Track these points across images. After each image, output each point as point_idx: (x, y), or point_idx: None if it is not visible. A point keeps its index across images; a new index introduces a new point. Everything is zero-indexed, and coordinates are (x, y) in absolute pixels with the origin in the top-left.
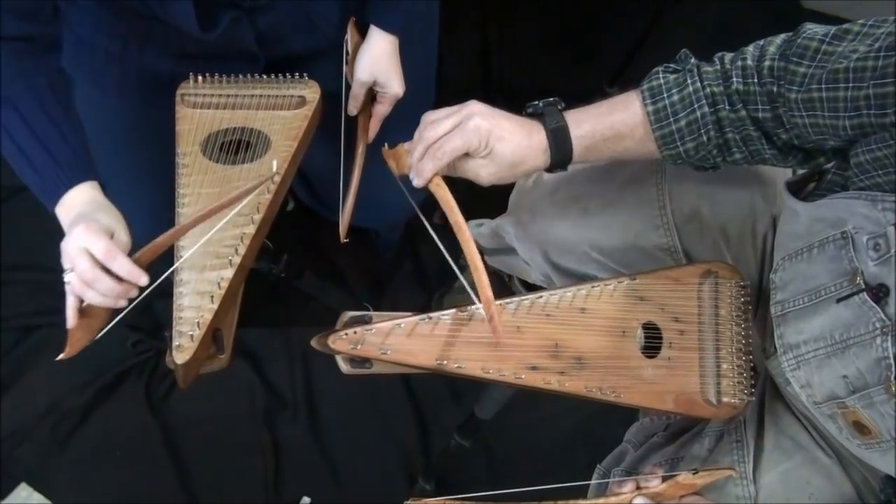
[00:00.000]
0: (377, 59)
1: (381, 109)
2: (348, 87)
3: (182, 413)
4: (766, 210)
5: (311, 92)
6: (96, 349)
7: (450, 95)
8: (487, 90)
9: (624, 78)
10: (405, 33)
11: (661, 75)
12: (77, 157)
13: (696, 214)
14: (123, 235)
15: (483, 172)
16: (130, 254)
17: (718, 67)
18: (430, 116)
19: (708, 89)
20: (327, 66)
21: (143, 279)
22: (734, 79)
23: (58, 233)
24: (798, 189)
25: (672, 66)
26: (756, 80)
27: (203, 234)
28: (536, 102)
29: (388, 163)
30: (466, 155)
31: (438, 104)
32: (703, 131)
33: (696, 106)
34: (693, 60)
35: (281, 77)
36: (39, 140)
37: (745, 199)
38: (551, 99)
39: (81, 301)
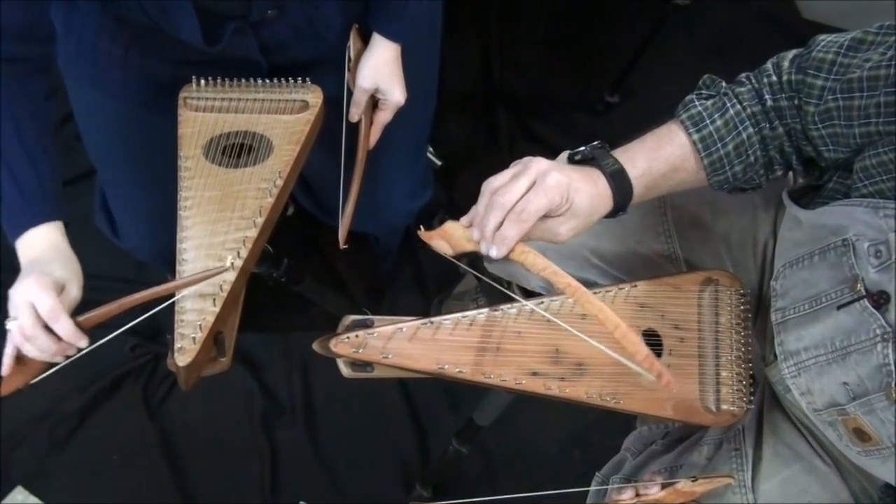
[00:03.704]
0: (379, 67)
1: (383, 116)
2: (350, 93)
3: (179, 417)
4: (766, 218)
5: (313, 96)
6: (94, 353)
7: (451, 103)
8: (488, 98)
9: (624, 87)
10: (407, 41)
11: (696, 102)
12: (45, 194)
13: (697, 222)
14: (75, 290)
15: (563, 229)
16: (80, 311)
17: (750, 87)
18: (493, 182)
19: (749, 110)
20: (330, 72)
21: (83, 342)
22: (766, 96)
23: None
24: (799, 197)
25: (704, 91)
26: (784, 95)
27: (204, 241)
28: (582, 148)
29: (434, 244)
30: (543, 216)
31: (439, 112)
32: (749, 152)
33: (741, 128)
34: (724, 84)
35: (283, 81)
36: (11, 170)
37: (747, 208)
38: (596, 143)
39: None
